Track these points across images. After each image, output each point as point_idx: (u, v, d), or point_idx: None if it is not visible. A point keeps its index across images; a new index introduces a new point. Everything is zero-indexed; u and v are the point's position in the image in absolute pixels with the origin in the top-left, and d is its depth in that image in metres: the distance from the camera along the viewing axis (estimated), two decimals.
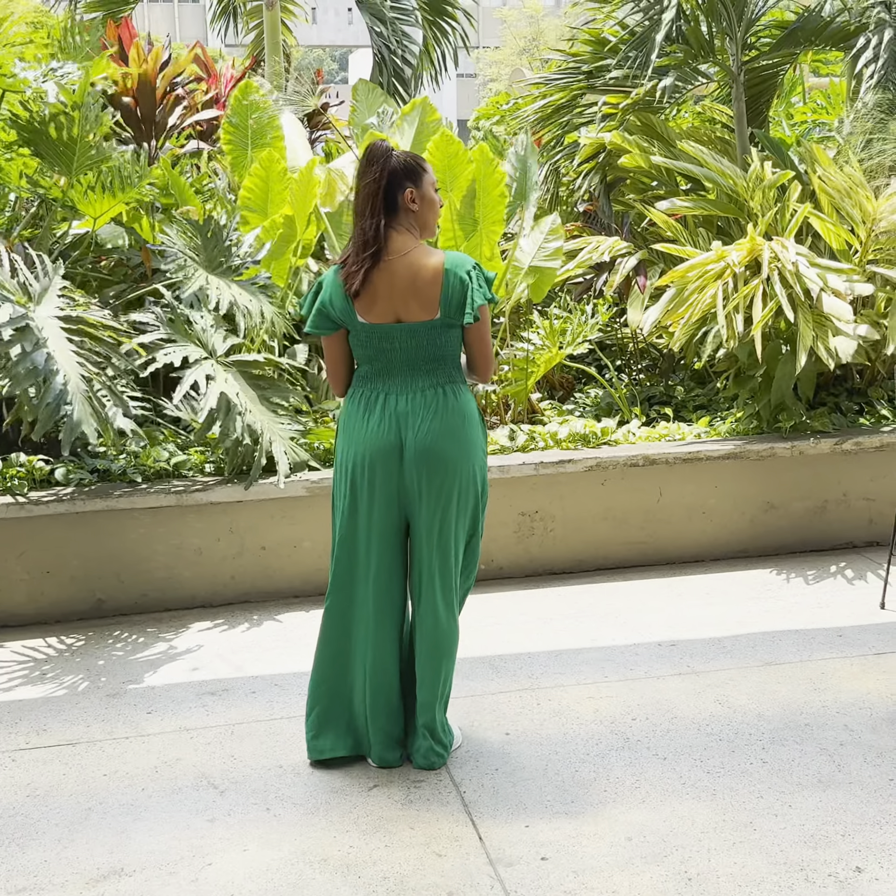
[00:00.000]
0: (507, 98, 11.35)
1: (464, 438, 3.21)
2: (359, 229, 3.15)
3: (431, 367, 3.19)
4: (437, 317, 3.15)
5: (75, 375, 4.12)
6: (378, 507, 3.21)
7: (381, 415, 3.18)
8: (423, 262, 3.14)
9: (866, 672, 3.94)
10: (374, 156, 3.15)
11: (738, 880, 2.76)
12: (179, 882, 2.82)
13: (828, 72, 10.25)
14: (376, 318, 3.15)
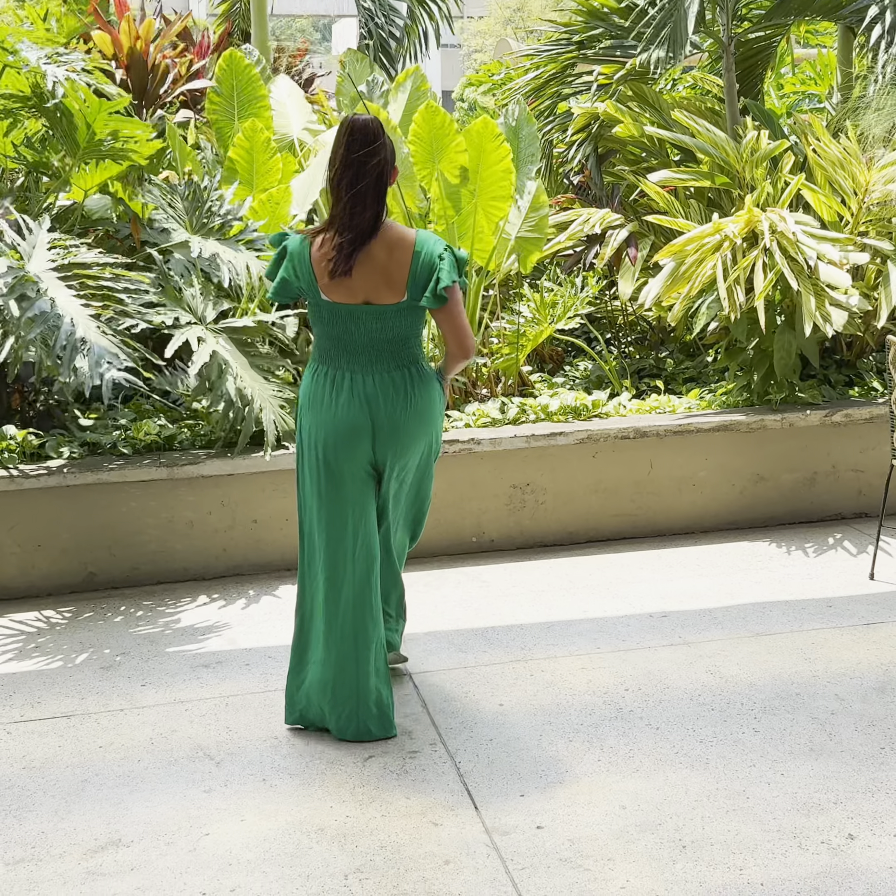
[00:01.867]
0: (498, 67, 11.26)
1: (429, 417, 3.29)
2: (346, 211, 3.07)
3: (396, 348, 3.20)
4: (403, 299, 3.14)
5: (83, 317, 4.14)
6: (348, 483, 3.25)
7: (349, 395, 3.19)
8: (396, 242, 3.12)
9: (856, 642, 3.97)
10: (373, 133, 3.07)
11: (732, 847, 2.79)
12: (177, 852, 2.83)
13: (816, 42, 10.21)
14: (342, 297, 3.12)
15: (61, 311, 4.11)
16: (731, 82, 6.24)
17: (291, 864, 2.77)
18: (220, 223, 4.96)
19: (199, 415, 4.97)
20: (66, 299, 4.19)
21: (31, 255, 4.35)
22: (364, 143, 3.06)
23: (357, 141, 3.06)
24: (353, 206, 3.07)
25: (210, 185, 5.11)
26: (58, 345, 4.06)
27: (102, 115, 4.76)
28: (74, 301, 4.22)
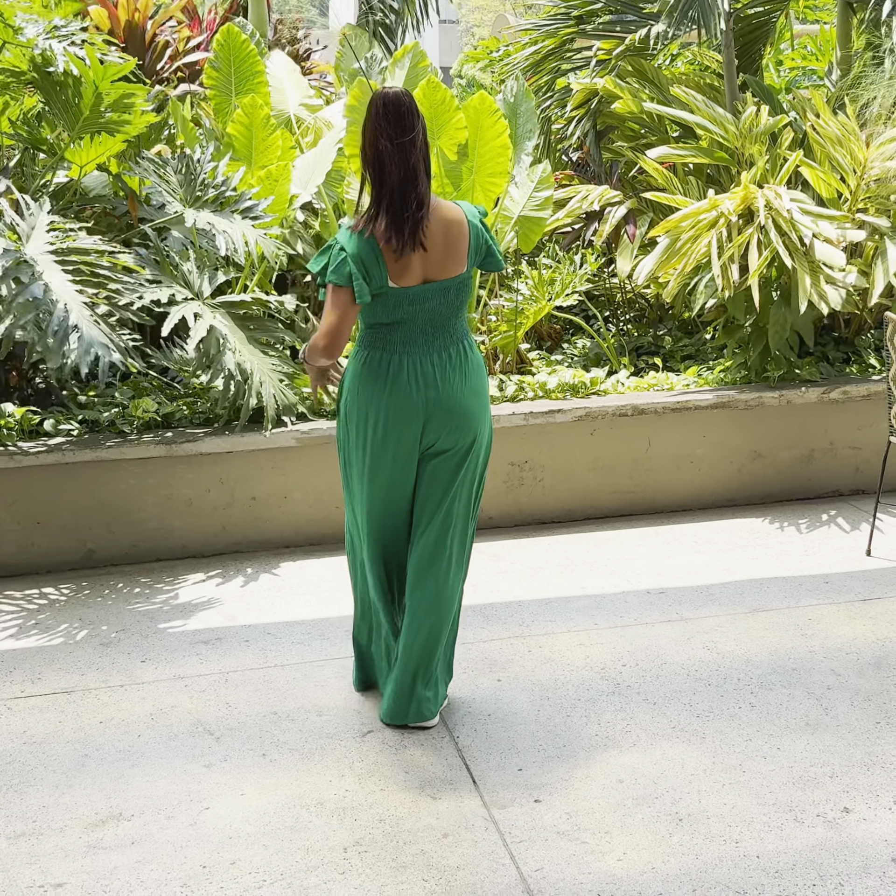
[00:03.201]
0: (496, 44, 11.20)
1: (483, 392, 3.24)
2: (396, 190, 2.99)
3: (451, 323, 3.16)
4: (465, 270, 3.13)
5: (77, 304, 4.12)
6: (403, 465, 3.18)
7: (406, 377, 3.11)
8: (448, 216, 3.09)
9: (853, 618, 3.99)
10: (410, 110, 2.99)
11: (728, 820, 2.82)
12: (178, 826, 2.85)
13: (815, 18, 10.15)
14: (407, 280, 3.06)
15: (55, 297, 4.08)
16: (730, 58, 6.21)
17: (291, 838, 2.79)
18: (214, 195, 4.93)
19: (198, 392, 4.98)
20: (60, 284, 4.16)
21: (29, 236, 4.33)
22: (402, 118, 2.98)
23: (394, 117, 2.98)
24: (403, 184, 2.99)
25: (203, 157, 5.07)
26: (49, 330, 4.04)
27: (106, 81, 4.73)
28: (69, 286, 4.19)
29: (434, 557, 3.25)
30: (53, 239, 4.36)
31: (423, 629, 3.25)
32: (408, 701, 3.27)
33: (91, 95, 4.77)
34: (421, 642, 3.26)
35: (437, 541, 3.25)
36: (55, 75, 4.79)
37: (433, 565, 3.25)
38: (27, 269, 4.12)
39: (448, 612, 3.29)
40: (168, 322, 4.47)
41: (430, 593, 3.25)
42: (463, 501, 3.28)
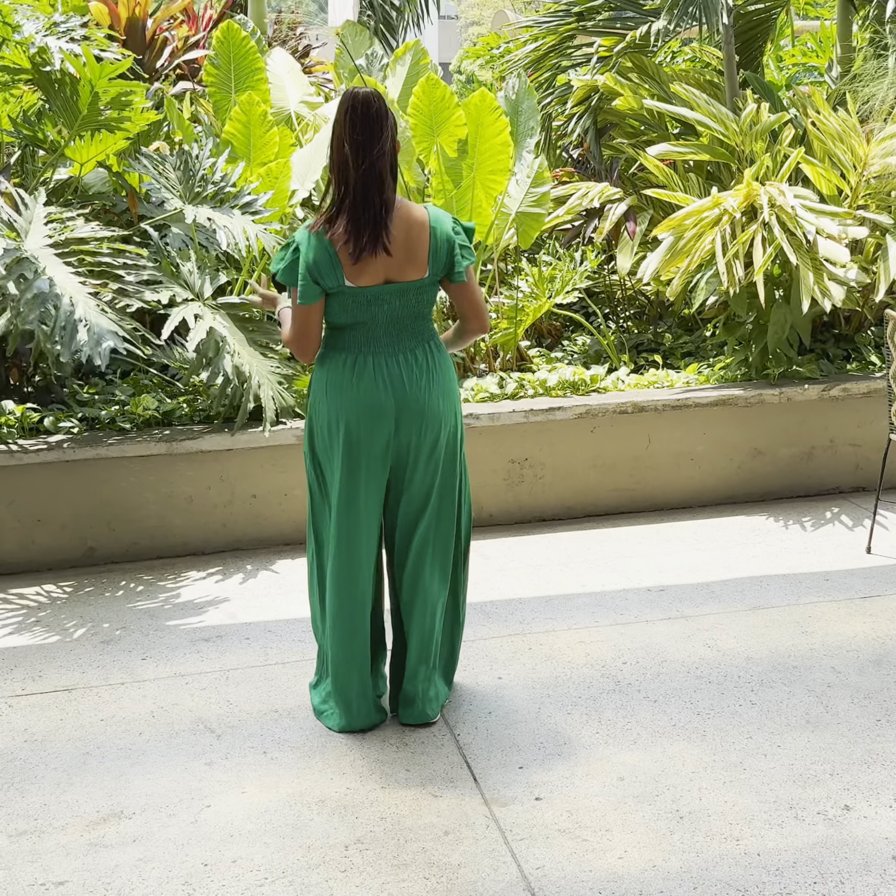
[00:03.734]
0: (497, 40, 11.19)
1: (451, 394, 3.23)
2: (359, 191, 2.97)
3: (416, 325, 3.15)
4: (426, 275, 3.09)
5: (82, 295, 4.12)
6: (372, 467, 3.15)
7: (372, 378, 3.10)
8: (411, 219, 3.06)
9: (853, 615, 3.99)
10: (378, 111, 2.97)
11: (729, 818, 2.82)
12: (179, 823, 2.85)
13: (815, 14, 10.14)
14: (366, 280, 3.04)
15: (60, 290, 4.08)
16: (730, 55, 6.20)
17: (292, 836, 2.80)
18: (213, 191, 4.93)
19: (198, 390, 4.98)
20: (64, 277, 4.17)
21: (27, 230, 4.33)
22: (368, 118, 2.96)
23: (361, 117, 2.97)
24: (366, 185, 2.97)
25: (202, 153, 5.07)
26: (57, 325, 4.04)
27: (104, 79, 4.72)
28: (73, 278, 4.20)
29: (421, 563, 3.23)
30: (52, 231, 4.36)
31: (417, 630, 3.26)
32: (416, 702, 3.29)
33: (88, 94, 4.76)
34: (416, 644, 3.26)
35: (422, 545, 3.23)
36: (53, 73, 4.79)
37: (420, 570, 3.24)
38: (30, 266, 4.11)
39: (435, 611, 3.27)
40: (169, 323, 4.46)
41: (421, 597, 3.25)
42: (443, 502, 3.24)
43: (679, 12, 5.64)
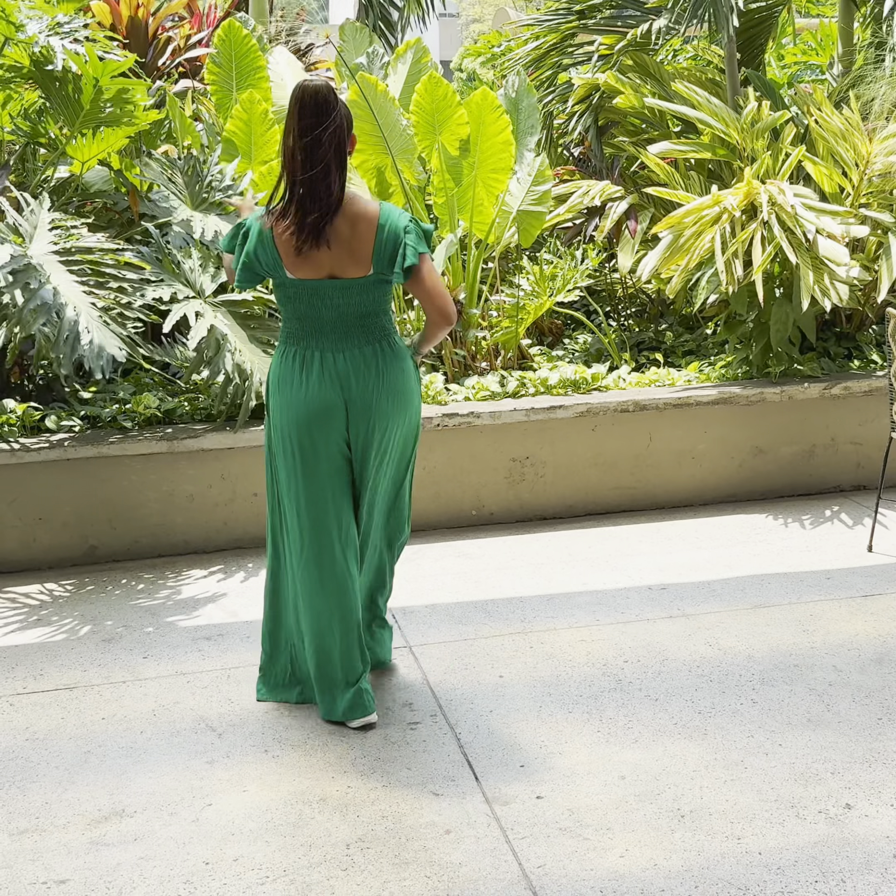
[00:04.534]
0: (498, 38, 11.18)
1: (403, 391, 3.21)
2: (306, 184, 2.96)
3: (365, 323, 3.13)
4: (369, 273, 3.07)
5: (85, 305, 4.12)
6: (324, 464, 3.17)
7: (319, 373, 3.11)
8: (359, 215, 3.05)
9: (854, 614, 3.99)
10: (325, 101, 2.94)
11: (730, 817, 2.82)
12: (180, 822, 2.86)
13: (817, 12, 10.13)
14: (307, 273, 3.04)
15: (64, 300, 4.09)
16: (731, 53, 6.20)
17: (293, 834, 2.80)
18: (219, 199, 4.95)
19: (199, 388, 4.98)
20: (67, 286, 4.17)
21: (32, 236, 4.32)
22: (316, 110, 2.93)
23: (309, 108, 2.93)
24: (313, 178, 2.95)
25: (210, 159, 5.09)
26: (61, 337, 4.04)
27: (106, 77, 4.73)
28: (76, 287, 4.20)
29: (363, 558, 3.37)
30: (56, 238, 4.36)
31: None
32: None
33: (91, 91, 4.77)
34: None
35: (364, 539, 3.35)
36: (54, 71, 4.79)
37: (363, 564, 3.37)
38: (35, 274, 4.11)
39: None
40: (169, 320, 4.47)
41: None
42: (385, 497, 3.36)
43: (689, 14, 5.62)
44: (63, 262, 4.27)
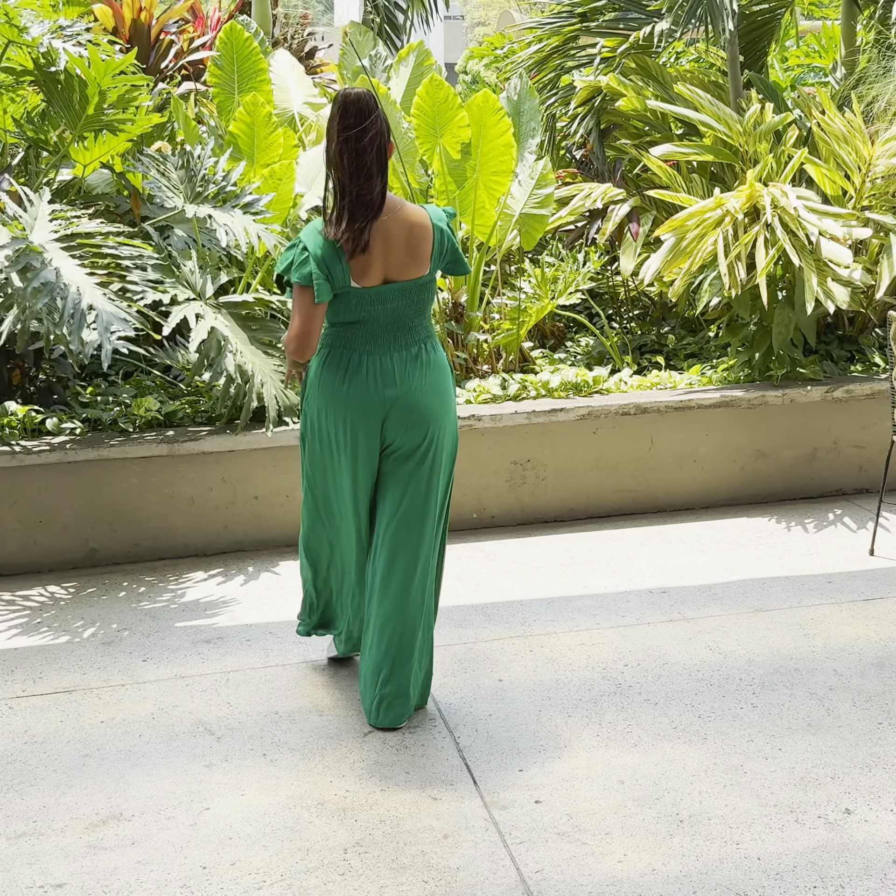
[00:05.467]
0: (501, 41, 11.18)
1: (444, 393, 3.25)
2: (353, 187, 3.04)
3: (414, 324, 3.20)
4: (427, 272, 3.16)
5: (89, 285, 4.13)
6: (362, 462, 3.22)
7: (364, 375, 3.15)
8: (413, 219, 3.14)
9: (855, 618, 3.98)
10: (367, 106, 3.04)
11: (729, 822, 2.81)
12: (178, 826, 2.85)
13: (820, 15, 10.12)
14: (370, 281, 3.10)
15: (67, 281, 4.10)
16: (734, 55, 6.19)
17: (291, 838, 2.79)
18: (214, 190, 4.92)
19: (200, 391, 4.98)
20: (70, 268, 4.19)
21: (32, 226, 4.34)
22: (359, 117, 3.03)
23: (352, 115, 3.03)
24: (358, 182, 3.03)
25: (203, 153, 5.06)
26: (65, 314, 4.06)
27: (108, 77, 4.73)
28: (79, 270, 4.22)
29: (395, 562, 3.26)
30: (57, 227, 4.37)
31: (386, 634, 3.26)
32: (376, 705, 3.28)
33: (94, 93, 4.77)
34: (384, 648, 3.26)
35: (399, 545, 3.26)
36: (57, 74, 4.80)
37: (394, 570, 3.26)
38: (37, 256, 4.13)
39: (414, 616, 3.27)
40: (169, 322, 4.47)
41: (392, 599, 3.26)
42: (428, 503, 3.26)
43: (686, 16, 5.62)
44: (65, 248, 4.28)
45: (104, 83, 4.75)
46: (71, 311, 4.06)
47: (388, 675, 3.26)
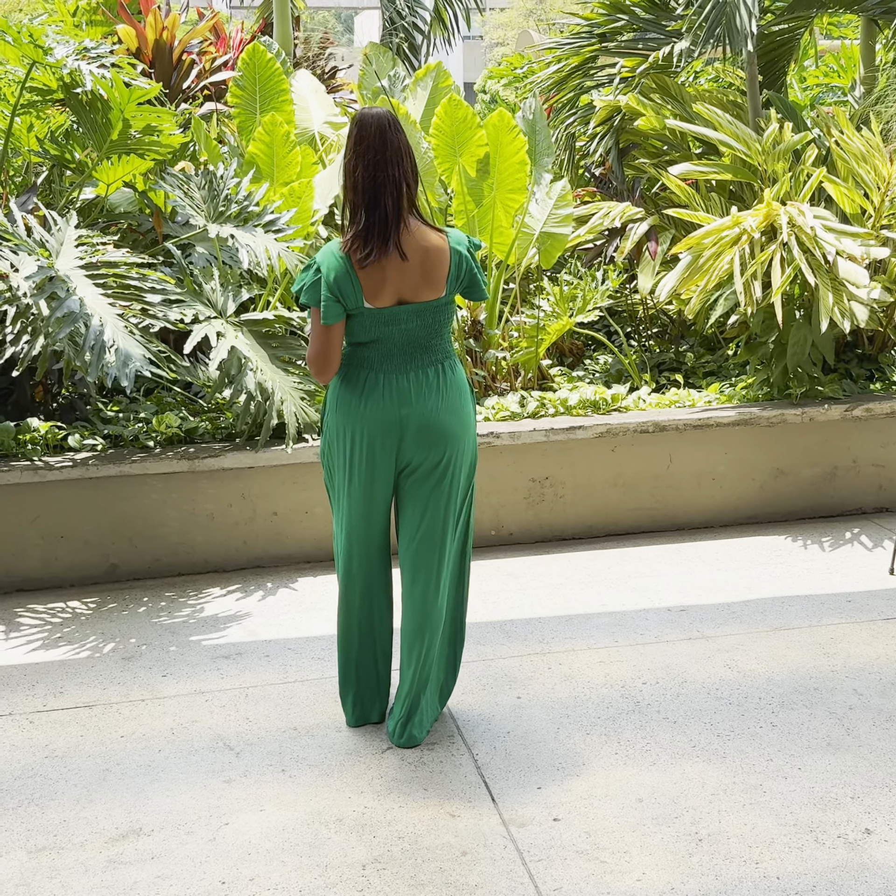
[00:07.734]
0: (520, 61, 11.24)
1: (462, 413, 3.24)
2: (370, 207, 3.04)
3: (431, 345, 3.19)
4: (443, 295, 3.15)
5: (111, 316, 4.18)
6: (378, 482, 3.21)
7: (381, 393, 3.14)
8: (431, 241, 3.13)
9: (875, 637, 3.96)
10: (386, 125, 3.05)
11: (749, 841, 2.80)
12: (197, 841, 2.86)
13: (839, 34, 10.14)
14: (383, 301, 3.10)
15: (90, 310, 4.15)
16: (753, 75, 6.21)
17: (310, 854, 2.80)
18: (237, 210, 4.97)
19: (221, 407, 5.01)
20: (93, 298, 4.23)
21: (58, 251, 4.39)
22: (377, 136, 3.04)
23: (370, 135, 3.04)
24: (374, 198, 3.04)
25: (226, 173, 5.11)
26: (86, 345, 4.10)
27: (132, 104, 4.79)
28: (102, 300, 4.26)
29: (415, 582, 3.26)
30: (83, 254, 4.42)
31: (413, 653, 3.27)
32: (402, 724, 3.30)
33: (117, 119, 4.84)
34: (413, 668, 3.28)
35: (419, 566, 3.26)
36: (83, 94, 4.86)
37: (415, 590, 3.26)
38: (62, 285, 4.17)
39: (434, 634, 3.28)
40: (191, 340, 4.50)
41: (415, 618, 3.26)
42: (447, 524, 3.26)
43: (705, 36, 5.64)
44: (89, 276, 4.33)
45: (128, 111, 4.81)
46: (92, 342, 4.10)
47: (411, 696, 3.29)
